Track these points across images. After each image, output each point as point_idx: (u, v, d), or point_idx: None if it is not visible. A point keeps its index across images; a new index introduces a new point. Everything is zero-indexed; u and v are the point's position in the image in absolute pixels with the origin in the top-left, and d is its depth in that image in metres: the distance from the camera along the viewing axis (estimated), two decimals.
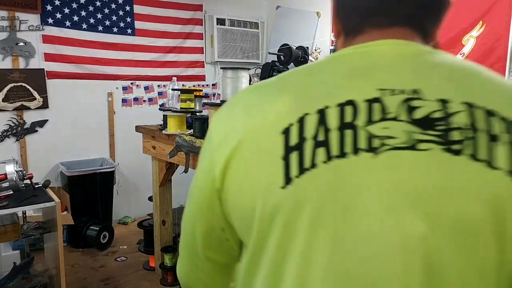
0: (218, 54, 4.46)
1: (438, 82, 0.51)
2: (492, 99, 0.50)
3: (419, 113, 0.49)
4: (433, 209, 0.45)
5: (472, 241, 0.45)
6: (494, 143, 0.46)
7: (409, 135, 0.48)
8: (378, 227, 0.46)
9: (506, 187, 0.45)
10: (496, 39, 2.78)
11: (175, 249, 2.89)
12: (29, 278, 2.55)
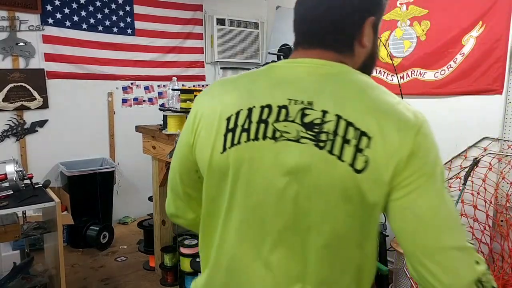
0: (218, 54, 4.46)
1: (326, 97, 0.75)
2: (355, 114, 0.73)
3: (307, 118, 0.75)
4: (301, 176, 0.75)
5: (324, 195, 0.74)
6: (346, 145, 0.72)
7: (298, 132, 0.75)
8: (270, 181, 0.77)
9: (347, 172, 0.72)
10: (496, 39, 2.78)
11: (175, 249, 2.90)
12: (29, 278, 2.55)
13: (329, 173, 0.73)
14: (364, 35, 0.82)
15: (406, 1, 3.27)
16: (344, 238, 0.77)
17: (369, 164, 0.71)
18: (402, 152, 0.71)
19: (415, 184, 0.71)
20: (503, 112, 2.81)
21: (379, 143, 0.71)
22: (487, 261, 2.82)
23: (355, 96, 0.76)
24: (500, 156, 2.80)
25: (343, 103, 0.74)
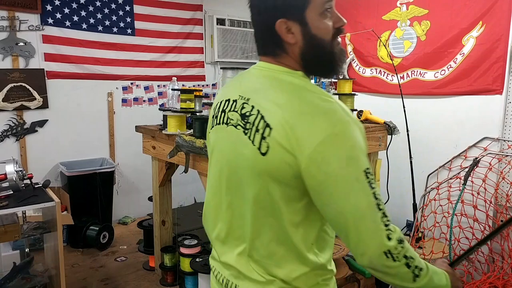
0: (218, 54, 4.46)
1: (257, 95, 0.96)
2: (268, 109, 0.91)
3: (243, 111, 0.96)
4: (236, 152, 0.98)
5: (245, 169, 0.96)
6: (256, 133, 0.91)
7: (236, 120, 0.97)
8: (222, 155, 1.04)
9: (255, 153, 0.92)
10: (496, 39, 2.78)
11: (175, 249, 2.89)
12: (29, 278, 2.55)
13: (245, 152, 0.95)
14: (282, 36, 0.93)
15: (406, 1, 3.27)
16: (261, 206, 0.97)
17: (270, 149, 0.89)
18: (303, 151, 0.86)
19: (323, 183, 0.87)
20: (503, 112, 2.81)
21: (279, 135, 0.88)
22: (487, 261, 2.82)
23: (272, 92, 0.94)
24: (500, 156, 2.80)
25: (265, 100, 0.93)
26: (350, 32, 3.71)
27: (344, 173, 0.86)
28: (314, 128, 0.86)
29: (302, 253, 0.98)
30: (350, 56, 3.75)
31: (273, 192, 0.94)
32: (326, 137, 0.85)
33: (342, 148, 0.86)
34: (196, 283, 2.73)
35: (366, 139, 0.93)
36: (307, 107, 0.89)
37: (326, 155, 0.85)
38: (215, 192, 1.09)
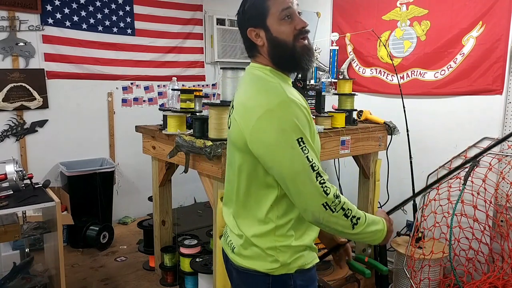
0: (218, 54, 4.46)
1: (240, 87, 1.26)
2: (238, 95, 1.22)
3: (233, 102, 1.25)
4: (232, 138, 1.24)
5: (238, 150, 1.20)
6: (230, 114, 1.23)
7: (230, 111, 1.25)
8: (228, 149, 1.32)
9: (227, 129, 1.28)
10: (496, 39, 2.78)
11: (175, 249, 2.90)
12: (29, 278, 2.55)
13: (237, 133, 1.17)
14: (253, 40, 1.20)
15: (406, 1, 3.27)
16: (238, 173, 1.23)
17: (231, 124, 1.21)
18: (248, 125, 1.12)
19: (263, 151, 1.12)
20: (503, 112, 2.81)
21: (237, 112, 1.18)
22: (487, 261, 2.82)
23: (242, 83, 1.26)
24: (500, 156, 2.80)
25: (240, 89, 1.25)
26: (350, 32, 3.71)
27: (279, 142, 1.08)
28: (256, 106, 1.11)
29: (261, 216, 1.21)
30: (350, 56, 3.75)
31: (239, 160, 1.21)
32: (263, 113, 1.09)
33: (276, 121, 1.08)
34: (196, 283, 2.73)
35: (311, 118, 1.16)
36: (256, 90, 1.16)
37: (262, 127, 1.09)
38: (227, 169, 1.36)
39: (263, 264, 1.22)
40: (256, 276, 1.24)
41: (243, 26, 1.21)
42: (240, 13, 1.22)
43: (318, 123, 2.73)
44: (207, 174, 2.31)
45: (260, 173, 1.18)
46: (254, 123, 1.09)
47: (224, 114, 2.15)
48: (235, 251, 1.28)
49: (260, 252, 1.22)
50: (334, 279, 2.81)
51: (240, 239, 1.26)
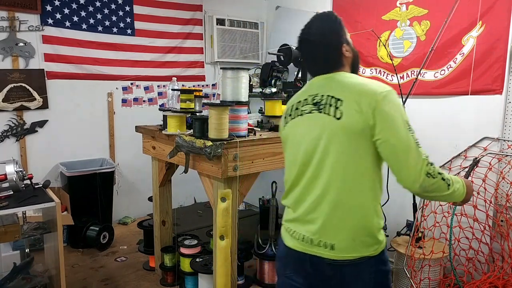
0: (217, 54, 4.46)
1: (324, 89, 1.43)
2: (335, 92, 1.38)
3: (314, 101, 1.43)
4: (317, 131, 1.39)
5: (349, 134, 1.33)
6: (330, 107, 1.37)
7: (310, 108, 1.44)
8: (303, 137, 1.44)
9: (332, 122, 1.35)
10: (496, 39, 2.78)
11: (175, 249, 2.90)
12: (29, 278, 2.55)
13: (325, 124, 1.37)
14: (345, 55, 1.46)
15: (406, 1, 3.27)
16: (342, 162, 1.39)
17: (344, 113, 1.34)
18: (366, 108, 1.30)
19: (384, 127, 1.29)
20: (503, 112, 2.81)
21: (349, 103, 1.33)
22: (487, 261, 2.82)
23: (339, 83, 1.41)
24: (500, 156, 2.80)
25: (330, 89, 1.41)
26: (350, 32, 3.70)
27: (400, 117, 1.30)
28: (376, 87, 1.33)
29: (365, 201, 1.41)
30: None
31: (347, 147, 1.35)
32: (387, 93, 1.31)
33: (397, 101, 1.33)
34: (196, 283, 2.73)
35: None
36: (363, 81, 1.39)
37: (387, 102, 1.30)
38: (293, 166, 1.48)
39: (368, 248, 1.39)
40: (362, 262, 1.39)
41: (337, 44, 1.45)
42: (327, 34, 1.45)
43: None
44: (207, 174, 2.31)
45: (366, 156, 1.34)
46: (379, 98, 1.29)
47: (224, 114, 2.15)
48: (338, 247, 1.38)
49: (369, 238, 1.38)
50: None
51: (344, 231, 1.37)
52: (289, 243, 1.51)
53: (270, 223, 2.83)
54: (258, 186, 2.71)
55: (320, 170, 1.39)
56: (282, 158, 2.43)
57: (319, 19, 1.48)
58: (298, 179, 1.46)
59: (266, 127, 2.56)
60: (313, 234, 1.42)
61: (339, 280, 1.41)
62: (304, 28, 1.49)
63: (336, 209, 1.37)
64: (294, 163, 1.47)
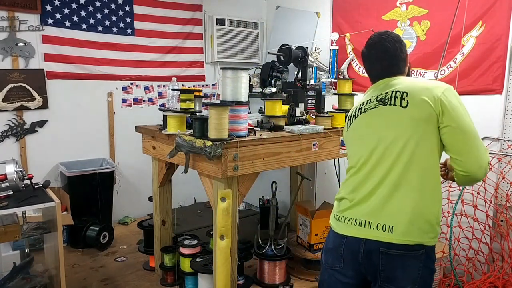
0: (217, 54, 4.46)
1: (387, 88, 1.62)
2: (398, 87, 1.57)
3: (379, 98, 1.61)
4: (382, 121, 1.57)
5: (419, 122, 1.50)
6: (396, 99, 1.54)
7: (374, 105, 1.61)
8: (367, 129, 1.61)
9: (398, 110, 1.52)
10: (496, 39, 2.78)
11: (175, 249, 2.90)
12: (29, 278, 2.55)
13: (390, 112, 1.53)
14: (406, 65, 1.70)
15: (406, 1, 3.27)
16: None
17: (409, 103, 1.50)
18: (432, 98, 1.47)
19: (452, 116, 1.44)
20: (503, 112, 2.81)
21: (414, 94, 1.50)
22: (487, 261, 2.82)
23: (402, 82, 1.59)
24: (500, 156, 2.80)
25: (393, 87, 1.58)
26: (350, 32, 3.71)
27: (463, 107, 1.47)
28: (438, 84, 1.52)
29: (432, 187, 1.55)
30: (350, 56, 3.75)
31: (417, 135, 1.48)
32: (447, 87, 1.51)
33: (456, 94, 1.51)
34: (196, 283, 2.73)
35: None
36: (425, 81, 1.64)
37: (451, 95, 1.48)
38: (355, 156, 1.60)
39: (424, 235, 1.47)
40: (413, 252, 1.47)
41: (405, 57, 1.68)
42: (401, 48, 1.66)
43: (318, 123, 2.73)
44: (207, 174, 2.31)
45: (430, 141, 1.47)
46: (444, 90, 1.48)
47: (224, 114, 2.15)
48: (396, 230, 1.45)
49: (427, 225, 1.47)
50: None
51: (403, 214, 1.45)
52: (342, 230, 1.55)
53: (270, 223, 2.83)
54: (258, 186, 2.71)
55: (383, 156, 1.49)
56: (282, 158, 2.43)
57: (391, 35, 1.67)
58: (360, 168, 1.55)
59: (266, 127, 2.56)
60: (371, 217, 1.48)
61: (388, 272, 1.47)
62: (376, 38, 1.67)
63: (396, 190, 1.46)
64: (357, 153, 1.58)
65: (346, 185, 1.61)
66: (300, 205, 3.04)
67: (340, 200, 1.63)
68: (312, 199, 3.98)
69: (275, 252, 2.76)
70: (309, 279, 2.83)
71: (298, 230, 3.09)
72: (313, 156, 2.60)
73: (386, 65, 1.65)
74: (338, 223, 1.59)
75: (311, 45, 3.97)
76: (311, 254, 2.91)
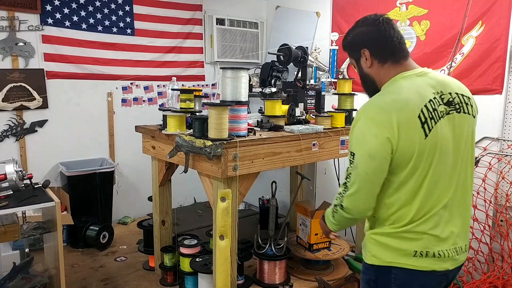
0: (217, 54, 4.46)
1: (443, 87, 1.41)
2: (455, 89, 1.43)
3: (444, 99, 1.38)
4: (461, 133, 1.40)
5: (466, 138, 1.43)
6: (467, 106, 1.41)
7: (445, 109, 1.36)
8: (448, 142, 1.37)
9: (471, 121, 1.43)
10: (496, 39, 2.78)
11: (175, 249, 2.90)
12: (29, 278, 2.55)
13: (467, 122, 1.41)
14: None
15: (405, 1, 3.28)
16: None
17: (475, 112, 1.45)
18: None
19: None
20: (503, 112, 2.81)
21: (473, 101, 1.45)
22: (487, 261, 2.82)
23: (448, 81, 1.46)
24: (500, 156, 2.80)
25: (449, 86, 1.42)
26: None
27: None
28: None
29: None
30: None
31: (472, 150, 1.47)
32: None
33: None
34: (196, 283, 2.73)
35: None
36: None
37: None
38: (442, 174, 1.37)
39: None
40: None
41: None
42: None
43: (317, 123, 2.73)
44: (207, 174, 2.31)
45: None
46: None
47: (224, 114, 2.15)
48: (466, 247, 1.46)
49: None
50: (334, 279, 2.82)
51: (468, 230, 1.47)
52: (435, 265, 1.37)
53: (270, 223, 2.83)
54: (258, 186, 2.71)
55: (463, 175, 1.42)
56: (281, 158, 2.43)
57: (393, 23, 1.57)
58: (445, 192, 1.37)
59: (266, 127, 2.56)
60: (463, 241, 1.44)
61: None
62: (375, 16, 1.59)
63: (468, 210, 1.49)
64: (428, 174, 1.33)
65: (425, 215, 1.35)
66: (300, 205, 3.04)
67: (419, 234, 1.36)
68: (312, 199, 3.98)
69: (275, 252, 2.76)
70: (309, 279, 2.83)
71: (298, 230, 3.09)
72: (313, 156, 2.60)
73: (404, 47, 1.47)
74: (424, 261, 1.36)
75: (311, 45, 3.97)
76: (311, 254, 2.91)
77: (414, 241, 1.35)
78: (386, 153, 1.29)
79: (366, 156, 1.31)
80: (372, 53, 1.47)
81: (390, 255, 1.38)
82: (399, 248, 1.36)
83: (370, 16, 1.57)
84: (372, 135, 1.30)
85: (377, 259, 1.41)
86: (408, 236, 1.35)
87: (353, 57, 1.55)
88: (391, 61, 1.44)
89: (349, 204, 1.38)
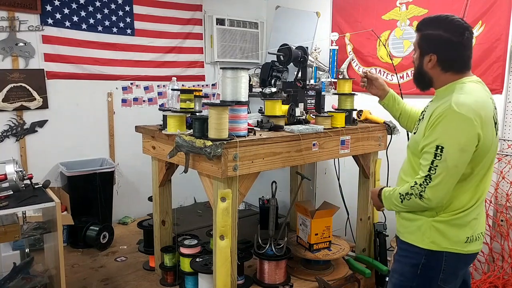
0: (217, 54, 4.46)
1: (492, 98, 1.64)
2: None
3: (495, 110, 1.61)
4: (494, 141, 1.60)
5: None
6: (495, 110, 1.61)
7: (496, 117, 1.59)
8: (492, 147, 1.56)
9: (495, 125, 1.61)
10: (496, 39, 2.78)
11: (175, 249, 2.90)
12: (29, 278, 2.55)
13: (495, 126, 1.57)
14: None
15: (405, 1, 3.28)
16: None
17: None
18: None
19: None
20: (503, 112, 2.81)
21: None
22: (487, 260, 2.82)
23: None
24: (500, 156, 2.80)
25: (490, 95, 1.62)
26: (349, 32, 3.71)
27: None
28: None
29: None
30: (349, 56, 3.75)
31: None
32: None
33: None
34: (196, 283, 2.73)
35: None
36: None
37: None
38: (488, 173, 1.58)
39: None
40: None
41: None
42: None
43: (317, 123, 2.73)
44: (207, 174, 2.31)
45: None
46: None
47: (224, 114, 2.15)
48: None
49: None
50: (334, 279, 2.82)
51: None
52: (477, 247, 1.61)
53: (270, 223, 2.83)
54: (258, 186, 2.71)
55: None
56: (282, 158, 2.43)
57: None
58: (489, 182, 1.63)
59: (266, 127, 2.56)
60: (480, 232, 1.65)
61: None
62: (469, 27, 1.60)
63: None
64: (488, 167, 1.58)
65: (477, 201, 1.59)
66: (300, 205, 3.04)
67: (469, 219, 1.58)
68: (312, 199, 3.98)
69: (275, 252, 2.76)
70: (309, 279, 2.83)
71: (298, 230, 3.09)
72: (313, 156, 2.60)
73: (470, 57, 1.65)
74: (468, 244, 1.58)
75: (311, 45, 3.97)
76: (311, 254, 2.91)
77: (467, 227, 1.54)
78: (474, 147, 1.46)
79: (458, 149, 1.44)
80: (440, 60, 1.59)
81: (447, 241, 1.54)
82: (455, 235, 1.54)
83: (457, 21, 1.59)
84: (463, 130, 1.44)
85: (435, 245, 1.55)
86: (462, 223, 1.54)
87: (420, 48, 1.65)
88: (454, 71, 1.60)
89: (431, 195, 1.49)
